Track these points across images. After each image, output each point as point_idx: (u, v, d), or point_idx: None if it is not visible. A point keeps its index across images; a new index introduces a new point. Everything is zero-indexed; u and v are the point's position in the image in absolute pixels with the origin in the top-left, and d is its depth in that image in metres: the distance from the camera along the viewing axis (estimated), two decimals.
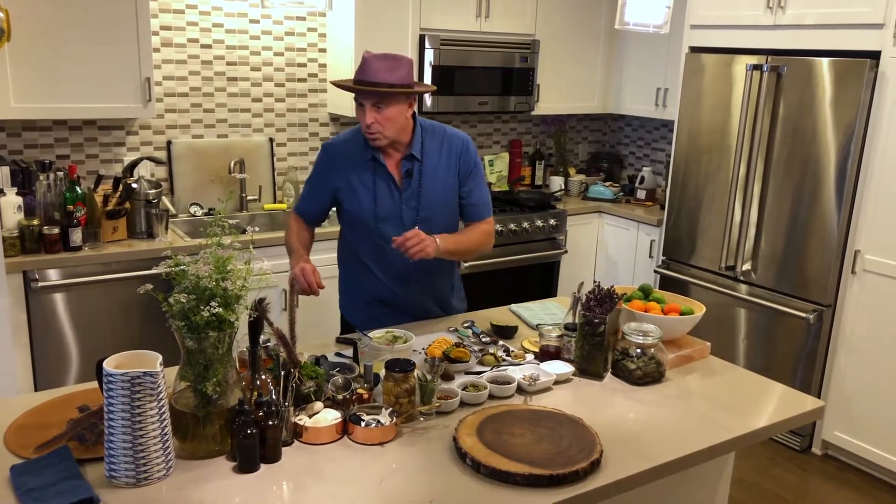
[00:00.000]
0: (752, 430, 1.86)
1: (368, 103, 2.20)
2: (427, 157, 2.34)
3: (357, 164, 2.34)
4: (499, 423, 1.74)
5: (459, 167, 2.37)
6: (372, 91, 2.17)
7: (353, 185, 2.35)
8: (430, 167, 2.34)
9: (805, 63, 3.39)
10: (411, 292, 2.43)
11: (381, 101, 2.19)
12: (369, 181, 2.34)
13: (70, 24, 3.15)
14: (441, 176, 2.35)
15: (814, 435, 3.61)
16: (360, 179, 2.34)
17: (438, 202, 2.36)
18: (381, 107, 2.20)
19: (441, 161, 2.36)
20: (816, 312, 3.45)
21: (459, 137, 2.40)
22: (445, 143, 2.37)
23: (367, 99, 2.20)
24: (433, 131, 2.38)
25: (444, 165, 2.36)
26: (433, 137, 2.36)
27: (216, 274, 1.55)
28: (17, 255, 2.98)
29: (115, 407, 1.44)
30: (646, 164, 5.03)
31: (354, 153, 2.35)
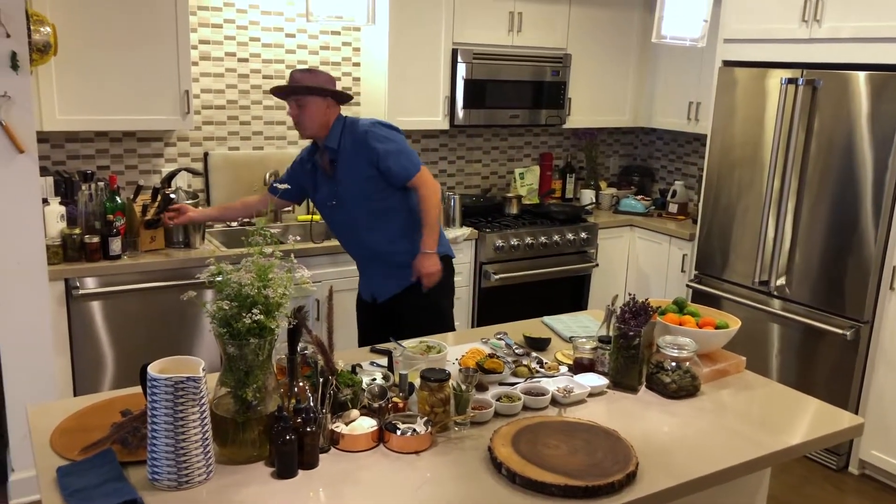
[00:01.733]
0: (788, 447, 1.84)
1: (292, 102, 2.76)
2: (343, 148, 2.82)
3: (308, 163, 2.98)
4: (534, 435, 1.75)
5: (367, 157, 2.79)
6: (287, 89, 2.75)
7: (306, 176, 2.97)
8: (344, 156, 2.82)
9: (841, 77, 3.37)
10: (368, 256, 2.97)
11: (299, 100, 2.75)
12: (316, 173, 2.94)
13: (112, 40, 3.23)
14: (352, 162, 2.81)
15: (850, 454, 3.54)
16: (309, 173, 2.97)
17: (351, 184, 2.83)
18: (302, 104, 2.75)
19: (352, 150, 2.81)
20: (854, 329, 3.40)
21: (361, 126, 2.82)
22: (356, 134, 2.81)
23: (289, 99, 2.77)
24: (350, 126, 2.84)
25: (354, 154, 2.80)
26: (349, 130, 2.83)
27: (258, 282, 1.58)
28: (59, 263, 3.05)
29: (159, 411, 1.48)
30: (677, 178, 5.01)
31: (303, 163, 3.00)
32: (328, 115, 2.81)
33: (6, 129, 2.68)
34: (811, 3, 3.48)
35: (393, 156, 2.79)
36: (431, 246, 2.80)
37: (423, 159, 4.41)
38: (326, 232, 4.02)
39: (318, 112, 2.78)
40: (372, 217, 2.85)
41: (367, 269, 3.00)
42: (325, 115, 2.81)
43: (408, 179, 2.80)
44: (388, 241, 2.87)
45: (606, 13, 4.50)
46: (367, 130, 2.81)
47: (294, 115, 2.79)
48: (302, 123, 2.80)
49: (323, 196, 2.93)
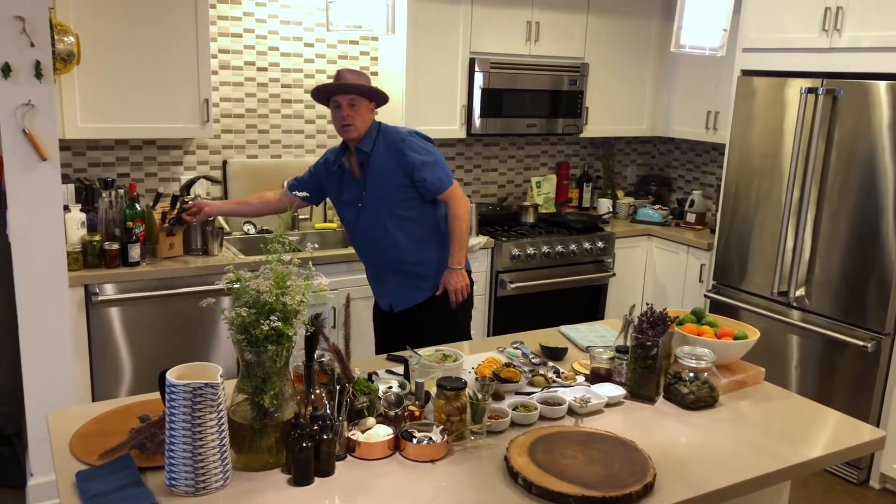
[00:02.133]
0: (808, 460, 1.82)
1: (344, 101, 2.73)
2: (376, 153, 2.80)
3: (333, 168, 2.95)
4: (550, 444, 1.74)
5: (402, 165, 2.78)
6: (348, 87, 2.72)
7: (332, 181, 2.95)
8: (377, 161, 2.80)
9: (862, 86, 3.34)
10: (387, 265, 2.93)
11: (353, 99, 2.73)
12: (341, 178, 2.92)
13: (134, 49, 3.27)
14: (386, 169, 2.79)
15: (871, 468, 3.49)
16: (335, 177, 2.94)
17: (382, 191, 2.81)
18: (354, 104, 2.74)
19: (387, 157, 2.79)
20: (875, 341, 3.36)
21: (396, 134, 2.82)
22: (392, 141, 2.80)
23: (343, 97, 2.73)
24: (387, 132, 2.83)
25: (388, 160, 2.79)
26: (386, 137, 2.82)
27: (276, 289, 1.58)
28: (79, 270, 3.09)
29: (177, 417, 1.48)
30: (695, 188, 4.98)
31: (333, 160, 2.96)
32: (370, 118, 2.82)
33: (30, 136, 2.72)
34: (831, 12, 3.46)
35: (429, 167, 2.79)
36: (460, 262, 2.80)
37: None
38: (344, 240, 4.04)
39: (367, 113, 2.79)
40: (395, 225, 2.83)
41: (384, 277, 2.96)
42: (370, 117, 2.81)
43: (440, 192, 2.81)
44: (409, 251, 2.85)
45: (624, 22, 4.50)
46: (405, 139, 2.80)
47: (347, 116, 2.74)
48: (354, 124, 2.75)
49: (347, 199, 2.90)
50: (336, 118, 2.78)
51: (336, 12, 1.94)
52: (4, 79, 2.66)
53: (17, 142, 2.72)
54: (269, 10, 3.85)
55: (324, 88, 2.77)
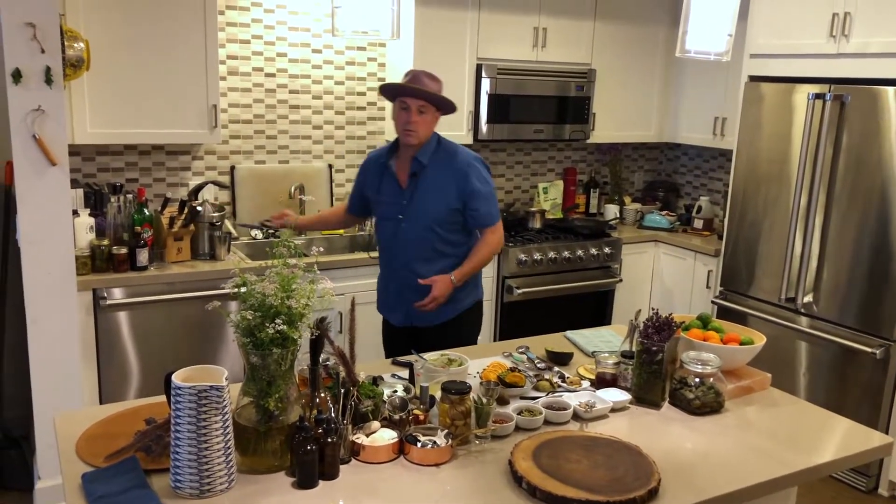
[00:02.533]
0: (814, 465, 1.82)
1: (415, 106, 2.62)
2: (432, 166, 2.70)
3: (377, 169, 2.84)
4: (555, 449, 1.74)
5: (460, 186, 2.69)
6: (424, 94, 2.59)
7: (372, 183, 2.85)
8: (430, 175, 2.70)
9: (870, 92, 3.33)
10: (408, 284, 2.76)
11: (423, 106, 2.63)
12: (385, 182, 2.80)
13: (143, 55, 3.30)
14: (440, 186, 2.69)
15: (881, 475, 3.47)
16: (377, 177, 2.83)
17: (430, 207, 2.71)
18: (424, 111, 2.63)
19: (443, 174, 2.70)
20: (883, 348, 3.34)
21: (467, 160, 2.73)
22: (455, 160, 2.72)
23: (415, 102, 2.61)
24: (447, 147, 2.75)
25: (445, 179, 2.70)
26: (445, 152, 2.73)
27: (281, 292, 1.59)
28: (87, 274, 3.11)
29: (182, 419, 1.49)
30: (703, 194, 4.97)
31: (378, 160, 2.85)
32: (434, 127, 2.73)
33: (39, 141, 2.75)
34: (839, 18, 3.46)
35: (486, 200, 2.74)
36: (460, 280, 2.71)
37: None
38: (350, 245, 4.05)
39: (433, 122, 2.70)
40: (430, 243, 2.73)
41: (404, 294, 2.79)
42: (434, 126, 2.72)
43: (487, 225, 2.76)
44: (438, 271, 2.72)
45: (631, 29, 4.50)
46: (472, 164, 2.72)
47: (413, 122, 2.63)
48: (417, 131, 2.65)
49: (386, 204, 2.79)
50: (400, 118, 2.67)
51: (341, 18, 1.95)
52: (15, 84, 2.69)
53: (27, 147, 2.75)
54: (278, 17, 3.87)
55: (397, 88, 2.66)
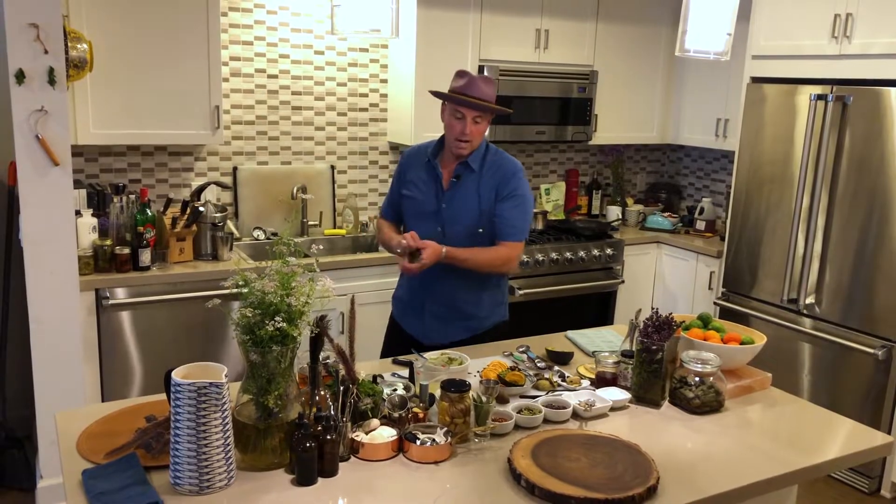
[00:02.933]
0: (814, 464, 1.81)
1: (470, 116, 2.45)
2: (480, 168, 2.56)
3: (419, 164, 2.65)
4: (554, 447, 1.74)
5: (499, 188, 2.54)
6: (484, 106, 2.44)
7: (413, 179, 2.65)
8: (476, 179, 2.56)
9: (873, 93, 3.33)
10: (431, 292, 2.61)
11: (479, 116, 2.47)
12: (425, 178, 2.62)
13: (146, 57, 3.31)
14: (481, 190, 2.54)
15: (883, 476, 3.46)
16: (419, 176, 2.64)
17: (470, 212, 2.55)
18: (479, 121, 2.48)
19: (488, 179, 2.55)
20: (885, 349, 3.34)
21: (509, 165, 2.59)
22: (498, 165, 2.58)
23: (470, 112, 2.45)
24: (494, 153, 2.61)
25: (488, 183, 2.55)
26: (492, 157, 2.59)
27: (281, 290, 1.60)
28: (90, 274, 3.12)
29: (182, 416, 1.50)
30: (705, 195, 4.97)
31: (420, 156, 2.66)
32: (485, 133, 2.60)
33: (42, 142, 2.76)
34: (841, 19, 3.46)
35: (518, 209, 2.55)
36: (452, 256, 2.44)
37: None
38: (353, 246, 4.06)
39: (485, 130, 2.56)
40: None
41: (426, 306, 2.63)
42: (485, 132, 2.58)
43: (509, 238, 2.52)
44: (467, 285, 2.58)
45: (633, 30, 4.51)
46: (517, 172, 2.58)
47: (469, 133, 2.46)
48: (472, 141, 2.50)
49: (422, 203, 2.60)
50: (453, 127, 2.49)
51: (341, 17, 1.96)
52: (18, 85, 2.70)
53: (30, 147, 2.76)
54: (280, 19, 3.89)
55: (455, 99, 2.45)
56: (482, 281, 2.60)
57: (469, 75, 2.50)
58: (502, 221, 2.54)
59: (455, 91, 2.48)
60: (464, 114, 2.46)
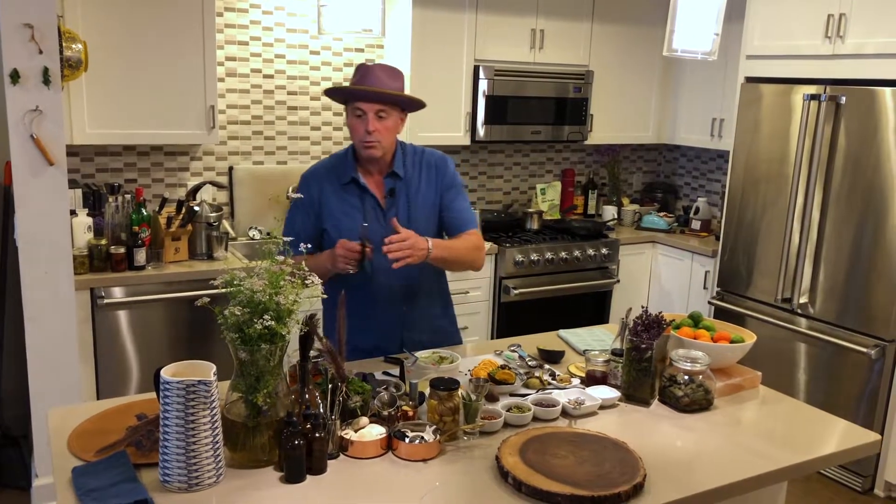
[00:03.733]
0: (802, 462, 1.82)
1: (372, 111, 2.17)
2: (407, 173, 2.32)
3: (339, 187, 2.30)
4: (542, 444, 1.75)
5: (438, 182, 2.35)
6: (384, 96, 2.15)
7: (339, 207, 2.29)
8: (412, 185, 2.32)
9: (867, 93, 3.34)
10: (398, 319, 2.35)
11: (383, 110, 2.18)
12: (356, 202, 2.29)
13: (141, 57, 3.33)
14: (423, 193, 2.33)
15: (876, 475, 3.47)
16: (345, 201, 2.29)
17: (422, 220, 2.31)
18: (384, 116, 2.19)
19: (422, 178, 2.34)
20: (879, 348, 3.35)
21: (437, 155, 2.40)
22: (424, 160, 2.36)
23: (371, 106, 2.17)
24: (412, 151, 2.38)
25: (425, 182, 2.34)
26: (412, 156, 2.36)
27: (270, 288, 1.61)
28: (85, 273, 3.13)
29: (171, 413, 1.51)
30: (701, 195, 4.98)
31: (331, 179, 2.31)
32: (399, 132, 2.28)
33: (37, 142, 2.77)
34: (834, 19, 3.47)
35: (463, 195, 2.39)
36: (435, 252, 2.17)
37: None
38: None
39: (397, 127, 2.25)
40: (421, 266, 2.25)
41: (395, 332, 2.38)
42: (399, 131, 2.28)
43: (469, 224, 2.36)
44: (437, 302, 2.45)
45: (629, 30, 4.52)
46: (443, 155, 2.39)
47: (373, 131, 2.18)
48: (381, 141, 2.20)
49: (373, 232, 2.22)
50: (356, 129, 2.21)
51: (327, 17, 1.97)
52: (13, 85, 2.72)
53: (25, 147, 2.77)
54: (276, 19, 3.90)
55: (347, 92, 2.22)
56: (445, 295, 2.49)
57: (366, 66, 2.21)
58: (457, 212, 2.35)
59: (349, 89, 2.20)
60: (364, 110, 2.17)
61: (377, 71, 2.19)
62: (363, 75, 2.19)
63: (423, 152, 2.39)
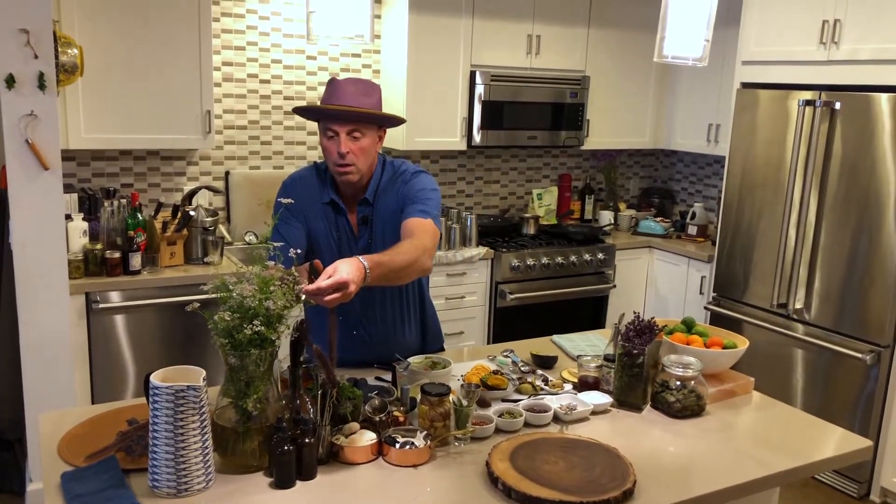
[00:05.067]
0: (794, 467, 1.82)
1: (344, 131, 2.01)
2: (379, 200, 2.14)
3: (317, 207, 2.15)
4: (532, 450, 1.75)
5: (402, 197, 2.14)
6: (355, 114, 1.98)
7: (316, 225, 2.16)
8: (383, 209, 2.14)
9: (862, 98, 3.34)
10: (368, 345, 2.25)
11: (357, 129, 2.01)
12: (331, 224, 2.15)
13: (137, 61, 3.34)
14: (391, 213, 2.14)
15: (872, 481, 3.46)
16: (322, 220, 2.16)
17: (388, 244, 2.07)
18: (358, 137, 2.02)
19: (391, 199, 2.14)
20: (874, 353, 3.35)
21: (410, 170, 2.19)
22: (398, 177, 2.17)
23: (342, 126, 2.00)
24: (392, 170, 2.19)
25: (393, 202, 2.14)
26: (391, 176, 2.17)
27: (259, 294, 1.61)
28: (80, 278, 3.13)
29: (160, 418, 1.51)
30: (697, 200, 4.98)
31: (313, 193, 2.15)
32: (377, 152, 2.11)
33: (32, 146, 2.78)
34: (829, 25, 3.48)
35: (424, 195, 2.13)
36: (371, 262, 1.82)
37: (441, 180, 4.47)
38: None
39: (373, 147, 2.07)
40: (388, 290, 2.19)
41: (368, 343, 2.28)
42: (376, 151, 2.10)
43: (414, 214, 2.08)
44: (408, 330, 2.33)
45: (625, 35, 4.52)
46: (420, 169, 2.20)
47: (347, 153, 2.01)
48: (355, 164, 2.03)
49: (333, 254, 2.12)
50: (329, 150, 2.03)
51: (317, 23, 1.97)
52: (8, 89, 2.72)
53: (20, 151, 2.78)
54: (273, 24, 3.91)
55: (317, 111, 2.07)
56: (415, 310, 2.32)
57: (336, 82, 2.02)
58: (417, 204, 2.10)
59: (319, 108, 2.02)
60: (335, 130, 2.00)
61: (348, 86, 2.01)
62: (332, 92, 2.01)
63: (400, 170, 2.18)
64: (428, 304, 2.42)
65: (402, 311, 2.30)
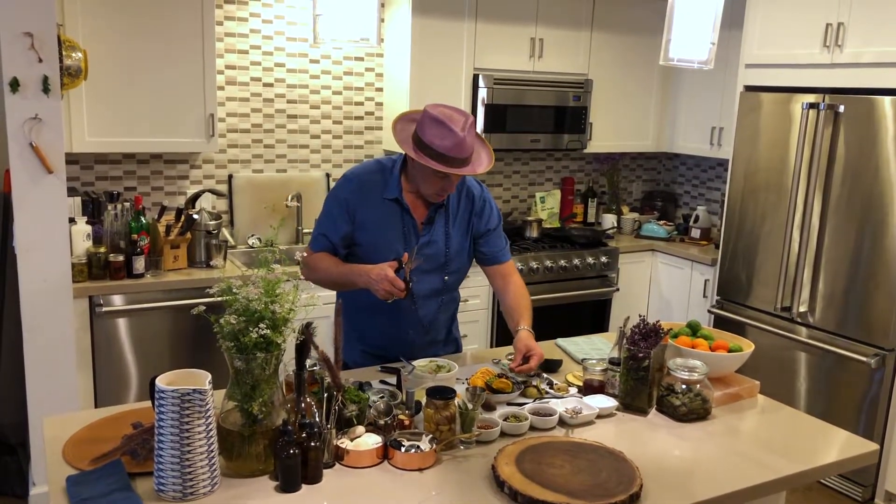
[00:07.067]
0: (800, 471, 1.81)
1: (457, 178, 2.19)
2: (451, 205, 2.32)
3: (380, 202, 2.26)
4: (538, 454, 1.74)
5: (471, 209, 2.34)
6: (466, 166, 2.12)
7: (375, 222, 2.25)
8: (453, 213, 2.33)
9: (865, 101, 3.34)
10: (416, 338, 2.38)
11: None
12: (395, 222, 2.26)
13: (141, 65, 3.34)
14: (459, 220, 2.34)
15: (877, 485, 3.46)
16: (383, 217, 2.26)
17: (455, 248, 2.33)
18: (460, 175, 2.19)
19: (461, 206, 2.34)
20: (878, 357, 3.34)
21: (477, 185, 2.40)
22: (465, 188, 2.36)
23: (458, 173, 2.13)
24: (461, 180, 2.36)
25: (463, 209, 2.34)
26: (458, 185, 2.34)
27: (265, 297, 1.61)
28: (84, 281, 3.13)
29: (165, 422, 1.50)
30: (700, 204, 4.98)
31: (375, 190, 2.27)
32: None
33: (36, 149, 2.78)
34: (833, 28, 3.48)
35: (501, 219, 2.43)
36: (531, 323, 2.34)
37: None
38: None
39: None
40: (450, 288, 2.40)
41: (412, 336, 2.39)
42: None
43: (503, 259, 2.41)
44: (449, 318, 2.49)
45: (628, 39, 4.53)
46: (481, 186, 2.41)
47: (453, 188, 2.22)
48: (448, 189, 2.22)
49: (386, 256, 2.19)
50: (431, 182, 2.17)
51: (323, 26, 1.97)
52: (13, 93, 2.72)
53: (25, 155, 2.78)
54: (276, 28, 3.91)
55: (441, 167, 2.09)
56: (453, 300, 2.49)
57: (453, 134, 2.06)
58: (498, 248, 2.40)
59: (437, 151, 2.07)
60: (450, 176, 2.14)
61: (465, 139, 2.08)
62: (455, 146, 2.07)
63: (466, 181, 2.36)
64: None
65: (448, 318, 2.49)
